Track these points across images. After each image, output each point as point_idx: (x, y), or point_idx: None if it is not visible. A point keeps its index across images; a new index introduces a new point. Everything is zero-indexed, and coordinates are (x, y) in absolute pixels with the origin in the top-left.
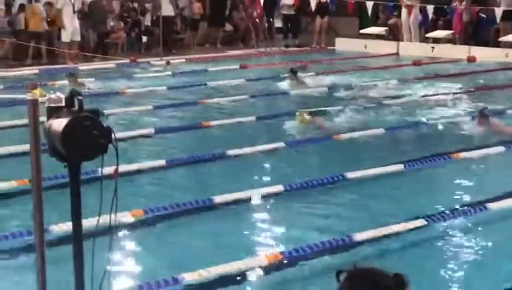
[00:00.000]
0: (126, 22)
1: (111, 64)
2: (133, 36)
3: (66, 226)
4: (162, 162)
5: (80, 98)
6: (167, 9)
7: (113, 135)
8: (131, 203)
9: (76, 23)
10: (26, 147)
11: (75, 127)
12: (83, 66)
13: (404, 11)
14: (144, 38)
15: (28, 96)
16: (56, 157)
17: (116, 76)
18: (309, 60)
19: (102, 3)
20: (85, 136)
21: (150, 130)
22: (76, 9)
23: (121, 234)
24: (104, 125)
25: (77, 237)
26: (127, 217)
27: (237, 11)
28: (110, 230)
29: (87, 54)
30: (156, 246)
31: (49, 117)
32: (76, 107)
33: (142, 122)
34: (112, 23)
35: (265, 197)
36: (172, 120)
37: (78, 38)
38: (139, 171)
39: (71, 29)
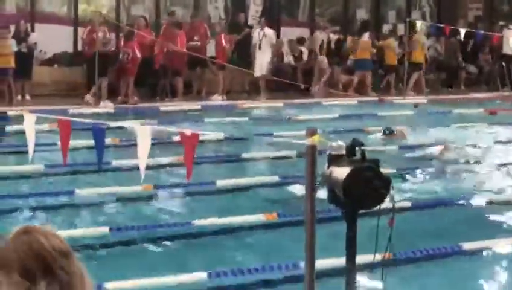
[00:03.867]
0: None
1: (354, 101)
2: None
3: (331, 262)
4: (407, 204)
5: (362, 147)
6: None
7: (391, 185)
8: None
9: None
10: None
11: (357, 177)
12: (329, 102)
13: None
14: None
15: (306, 141)
16: (334, 204)
17: (361, 114)
18: None
19: None
20: (366, 186)
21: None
22: None
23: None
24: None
25: (351, 280)
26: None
27: (482, 52)
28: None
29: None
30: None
31: (329, 164)
32: (358, 157)
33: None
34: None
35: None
36: (415, 162)
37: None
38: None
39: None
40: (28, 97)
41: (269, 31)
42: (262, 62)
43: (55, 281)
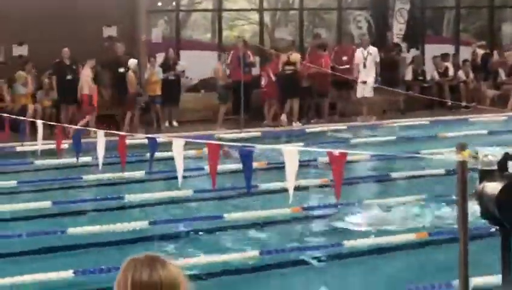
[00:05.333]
0: None
1: (503, 116)
2: None
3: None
4: None
5: None
6: None
7: None
8: None
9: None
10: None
11: (511, 192)
12: (477, 118)
13: None
14: None
15: (457, 157)
16: (488, 220)
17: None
18: None
19: None
20: None
21: None
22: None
23: None
24: None
25: None
26: None
27: None
28: None
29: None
30: None
31: (481, 179)
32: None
33: None
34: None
35: None
36: None
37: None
38: None
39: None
40: (175, 123)
41: (373, 49)
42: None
43: None
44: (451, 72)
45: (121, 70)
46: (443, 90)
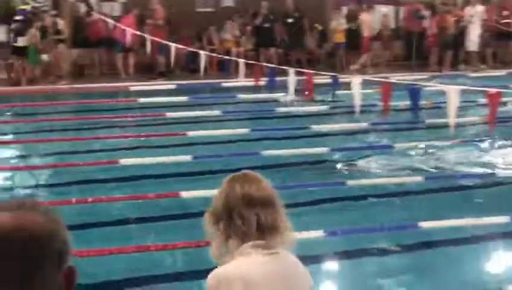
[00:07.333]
0: None
1: None
2: None
3: None
4: None
5: None
6: None
7: None
8: None
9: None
10: None
11: None
12: None
13: None
14: None
15: None
16: None
17: None
18: None
19: None
20: None
21: None
22: None
23: None
24: None
25: None
26: None
27: None
28: None
29: None
30: None
31: None
32: None
33: None
34: None
35: None
36: None
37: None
38: None
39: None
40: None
41: (480, 8)
42: (474, 37)
43: (228, 224)
44: None
45: (290, 20)
46: None
